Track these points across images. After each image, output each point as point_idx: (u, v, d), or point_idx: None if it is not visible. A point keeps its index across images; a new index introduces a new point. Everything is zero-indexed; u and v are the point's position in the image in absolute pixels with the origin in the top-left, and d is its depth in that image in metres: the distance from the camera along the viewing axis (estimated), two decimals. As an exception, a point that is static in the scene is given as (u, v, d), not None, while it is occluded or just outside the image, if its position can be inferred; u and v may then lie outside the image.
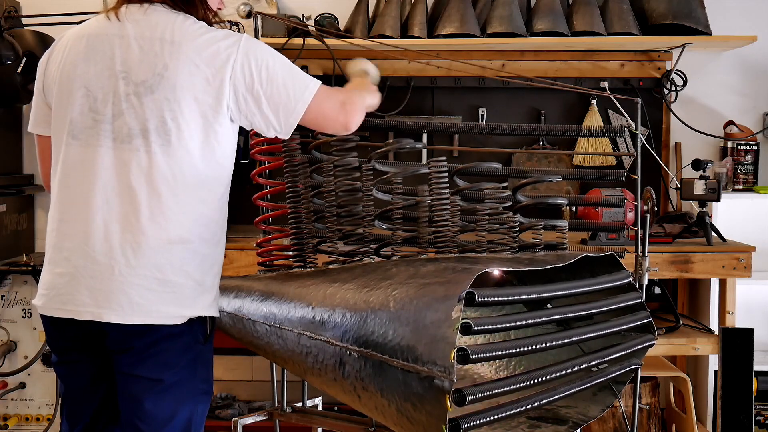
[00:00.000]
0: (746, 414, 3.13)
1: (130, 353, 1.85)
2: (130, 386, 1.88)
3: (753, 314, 3.39)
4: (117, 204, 1.82)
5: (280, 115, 1.89)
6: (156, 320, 1.82)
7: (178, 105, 1.81)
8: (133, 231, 1.81)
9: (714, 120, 3.72)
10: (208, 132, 1.85)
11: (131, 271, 1.81)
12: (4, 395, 3.16)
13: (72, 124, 1.86)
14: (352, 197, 2.31)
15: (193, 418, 1.93)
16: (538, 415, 2.06)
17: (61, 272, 1.86)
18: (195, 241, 1.87)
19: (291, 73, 1.90)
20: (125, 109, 1.83)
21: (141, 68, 1.83)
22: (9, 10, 3.34)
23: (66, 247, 1.86)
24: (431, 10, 3.60)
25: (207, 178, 1.87)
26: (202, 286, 1.89)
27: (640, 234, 2.27)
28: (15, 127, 3.72)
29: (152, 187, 1.81)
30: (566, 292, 1.79)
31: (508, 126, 2.53)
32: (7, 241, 3.47)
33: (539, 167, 3.69)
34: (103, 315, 1.82)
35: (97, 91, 1.85)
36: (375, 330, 1.80)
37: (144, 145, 1.82)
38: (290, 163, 2.42)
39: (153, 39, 1.84)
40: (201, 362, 1.93)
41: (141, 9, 1.88)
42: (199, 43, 1.84)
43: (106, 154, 1.83)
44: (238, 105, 1.86)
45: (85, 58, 1.87)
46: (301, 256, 2.46)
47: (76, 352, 1.94)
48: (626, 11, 3.48)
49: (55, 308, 1.87)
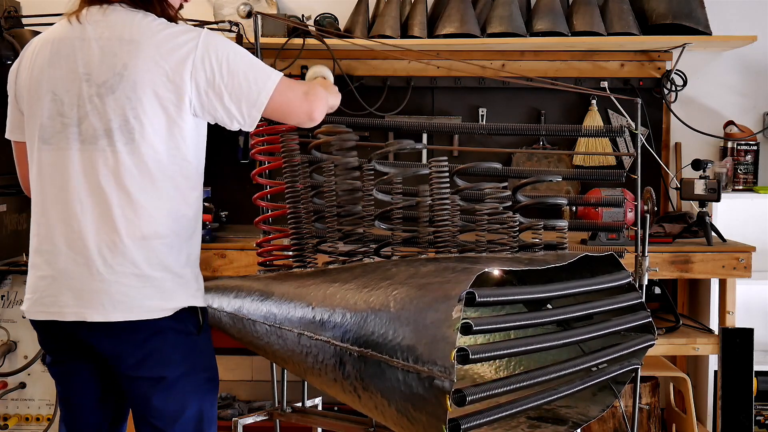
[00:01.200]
0: (746, 414, 3.13)
1: (125, 357, 1.86)
2: (135, 388, 1.90)
3: (753, 314, 3.39)
4: (90, 205, 1.84)
5: (243, 108, 1.89)
6: (139, 315, 1.83)
7: (140, 103, 1.82)
8: (107, 230, 1.83)
9: (714, 120, 3.73)
10: (171, 128, 1.85)
11: (109, 270, 1.82)
12: (4, 395, 3.16)
13: (42, 129, 1.88)
14: (352, 197, 2.31)
15: (204, 407, 1.95)
16: (538, 415, 2.06)
17: (43, 275, 1.88)
18: (169, 235, 1.88)
19: (252, 65, 1.90)
20: (89, 110, 1.84)
21: (102, 69, 1.84)
22: (9, 10, 3.33)
23: (45, 250, 1.88)
24: (431, 10, 3.60)
25: (174, 174, 1.88)
26: (182, 278, 1.91)
27: (640, 234, 2.28)
28: (15, 127, 3.72)
29: (121, 186, 1.83)
30: (566, 292, 1.79)
31: (508, 126, 2.53)
32: (7, 241, 3.47)
33: (539, 167, 3.69)
34: (86, 314, 1.83)
35: (63, 95, 1.86)
36: (375, 330, 1.80)
37: (109, 145, 1.83)
38: (290, 163, 2.42)
39: (112, 39, 1.85)
40: (198, 353, 1.94)
41: (101, 10, 1.89)
42: (157, 39, 1.84)
43: (75, 157, 1.85)
44: (200, 100, 1.86)
45: (50, 63, 1.89)
46: (301, 256, 2.46)
47: (67, 354, 1.95)
48: (626, 11, 3.48)
49: (40, 311, 1.89)
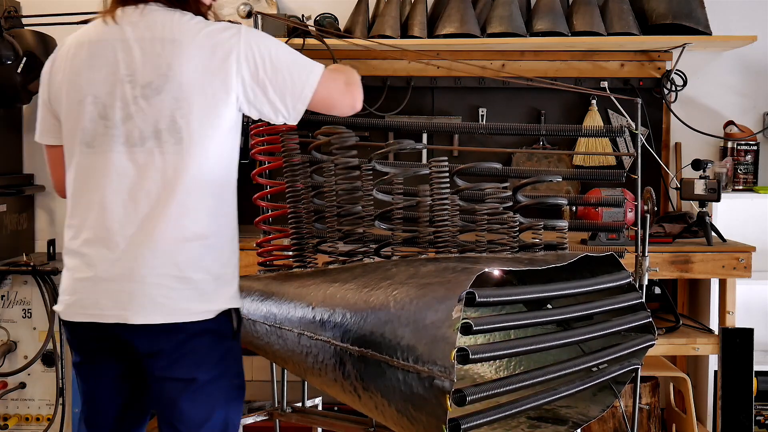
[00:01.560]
0: (746, 414, 3.13)
1: (160, 356, 1.84)
2: (164, 389, 1.87)
3: (753, 314, 3.39)
4: (132, 207, 1.82)
5: (288, 101, 1.89)
6: (180, 318, 1.82)
7: (187, 102, 1.81)
8: (150, 232, 1.81)
9: (714, 120, 3.73)
10: (217, 127, 1.85)
11: (151, 272, 1.81)
12: (4, 395, 3.16)
13: (84, 133, 1.86)
14: (352, 197, 2.31)
15: (230, 415, 1.92)
16: (538, 415, 2.06)
17: (82, 277, 1.86)
18: (210, 236, 1.87)
19: (294, 59, 1.90)
20: (134, 112, 1.83)
21: (145, 70, 1.83)
22: (9, 10, 3.34)
23: (85, 252, 1.86)
24: (431, 10, 3.60)
25: (219, 173, 1.88)
26: (222, 279, 1.89)
27: (640, 234, 2.28)
28: (15, 127, 3.72)
29: (166, 187, 1.81)
30: (566, 292, 1.79)
31: (508, 126, 2.53)
32: (7, 241, 3.47)
33: (539, 167, 3.69)
34: (127, 317, 1.81)
35: (104, 98, 1.85)
36: (375, 330, 1.80)
37: (157, 146, 1.82)
38: (290, 163, 2.42)
39: (153, 39, 1.84)
40: (232, 357, 1.93)
41: (137, 10, 1.88)
42: (200, 38, 1.84)
43: (119, 159, 1.83)
44: (246, 95, 1.86)
45: (89, 66, 1.87)
46: (301, 256, 2.46)
47: (99, 355, 1.93)
48: (626, 11, 3.48)
49: (79, 313, 1.87)
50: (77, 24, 3.16)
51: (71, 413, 3.15)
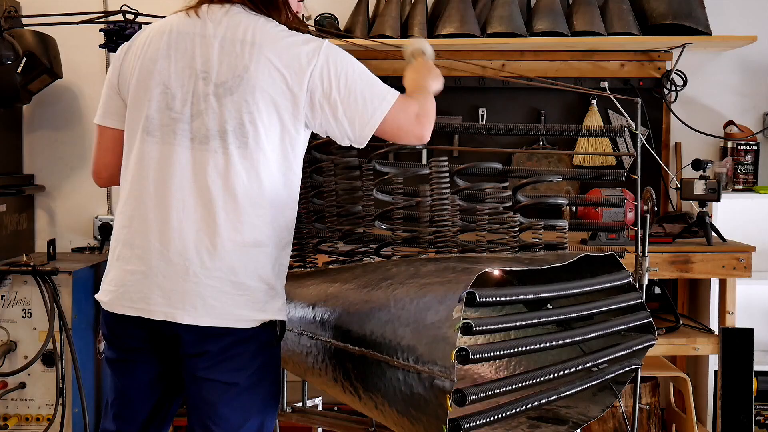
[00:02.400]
0: (746, 414, 3.13)
1: (205, 357, 1.82)
2: (204, 390, 1.85)
3: (753, 314, 3.39)
4: (192, 204, 1.80)
5: (356, 125, 1.86)
6: (229, 323, 1.80)
7: (257, 107, 1.80)
8: (209, 232, 1.79)
9: (714, 120, 3.72)
10: (283, 136, 1.83)
11: (206, 273, 1.79)
12: (4, 395, 3.16)
13: (148, 120, 1.84)
14: (352, 197, 2.31)
15: (266, 422, 1.91)
16: (538, 415, 2.06)
17: (133, 270, 1.83)
18: (269, 245, 1.85)
19: (369, 84, 1.87)
20: (204, 109, 1.81)
21: (221, 69, 1.82)
22: (9, 10, 3.33)
23: (138, 244, 1.83)
24: (431, 10, 3.60)
25: (280, 182, 1.85)
26: (274, 290, 1.87)
27: (640, 234, 2.27)
28: (15, 127, 3.72)
29: (228, 190, 1.79)
30: (566, 292, 1.79)
31: (508, 126, 2.53)
32: (7, 241, 3.47)
33: (539, 167, 3.69)
34: (176, 315, 1.79)
35: (176, 90, 1.83)
36: (375, 330, 1.80)
37: (221, 147, 1.80)
38: (290, 163, 2.42)
39: (234, 40, 1.83)
40: (272, 365, 1.91)
41: (222, 9, 1.87)
42: (280, 46, 1.82)
43: (183, 154, 1.81)
44: (314, 111, 1.84)
45: (165, 55, 1.86)
46: (301, 256, 2.46)
47: (140, 352, 1.91)
48: (626, 11, 3.48)
49: (124, 306, 1.84)
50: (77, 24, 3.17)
51: (71, 413, 3.15)
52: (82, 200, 3.75)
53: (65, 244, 3.72)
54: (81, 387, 3.14)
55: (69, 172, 3.77)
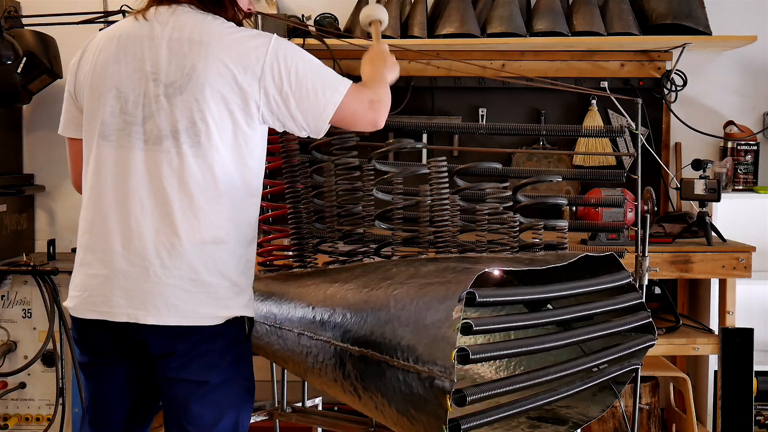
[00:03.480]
0: (746, 414, 3.13)
1: (173, 357, 1.83)
2: (175, 391, 1.86)
3: (753, 314, 3.39)
4: (150, 206, 1.81)
5: (309, 117, 1.87)
6: (192, 321, 1.81)
7: (207, 105, 1.80)
8: (167, 232, 1.80)
9: (714, 120, 3.73)
10: (236, 132, 1.83)
11: (166, 272, 1.79)
12: (4, 395, 3.16)
13: (103, 126, 1.85)
14: (352, 197, 2.31)
15: (240, 418, 1.91)
16: (538, 416, 2.06)
17: (95, 273, 1.84)
18: (230, 241, 1.85)
19: (320, 75, 1.88)
20: (155, 110, 1.82)
21: (170, 69, 1.82)
22: (9, 10, 3.33)
23: (99, 248, 1.84)
24: (431, 10, 3.60)
25: (236, 179, 1.86)
26: (238, 286, 1.88)
27: (640, 234, 2.27)
28: (15, 127, 3.72)
29: (184, 189, 1.80)
30: (566, 292, 1.79)
31: (508, 126, 2.53)
32: (7, 241, 3.47)
33: (539, 167, 3.69)
34: (139, 316, 1.80)
35: (128, 93, 1.84)
36: (375, 330, 1.80)
37: (174, 147, 1.80)
38: (289, 163, 2.42)
39: (181, 40, 1.83)
40: (243, 360, 1.92)
41: (169, 10, 1.87)
42: (227, 42, 1.83)
43: (138, 156, 1.82)
44: (270, 107, 1.84)
45: (115, 60, 1.86)
46: (301, 256, 2.46)
47: (109, 355, 1.91)
48: (626, 11, 3.48)
49: (88, 310, 1.85)
50: (77, 24, 3.17)
51: (71, 413, 3.15)
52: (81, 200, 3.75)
53: (65, 244, 3.72)
54: (81, 387, 3.14)
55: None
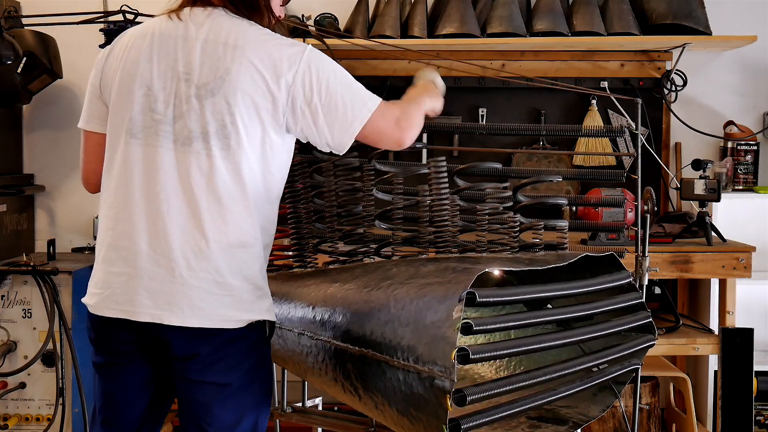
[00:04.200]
0: (746, 414, 3.13)
1: (196, 360, 1.82)
2: (197, 393, 1.85)
3: (753, 314, 3.39)
4: (177, 206, 1.80)
5: (335, 132, 1.86)
6: (216, 323, 1.80)
7: (238, 109, 1.79)
8: (194, 234, 1.79)
9: (714, 120, 3.73)
10: (264, 138, 1.83)
11: (192, 274, 1.79)
12: (4, 395, 3.16)
13: (131, 123, 1.84)
14: (353, 197, 2.31)
15: (259, 420, 1.91)
16: (538, 415, 2.06)
17: (119, 272, 1.83)
18: (255, 245, 1.85)
19: (351, 90, 1.87)
20: (186, 111, 1.81)
21: (203, 71, 1.81)
22: (9, 10, 3.34)
23: (123, 246, 1.83)
24: (431, 10, 3.60)
25: (261, 184, 1.85)
26: (261, 290, 1.88)
27: (640, 234, 2.27)
28: (15, 127, 3.72)
29: (212, 191, 1.79)
30: (566, 292, 1.79)
31: (508, 126, 2.53)
32: (7, 241, 3.47)
33: (539, 167, 3.69)
34: (163, 317, 1.79)
35: (158, 92, 1.83)
36: (375, 330, 1.80)
37: (204, 149, 1.80)
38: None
39: (216, 43, 1.82)
40: (263, 364, 1.92)
41: (205, 12, 1.87)
42: (262, 48, 1.82)
43: (166, 156, 1.81)
44: (295, 116, 1.84)
45: (148, 58, 1.85)
46: (301, 256, 2.46)
47: (128, 355, 1.90)
48: (626, 11, 3.48)
49: (110, 308, 1.84)
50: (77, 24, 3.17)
51: (71, 413, 3.15)
52: (82, 200, 3.75)
53: (65, 244, 3.72)
54: (81, 387, 3.14)
55: (69, 172, 3.77)
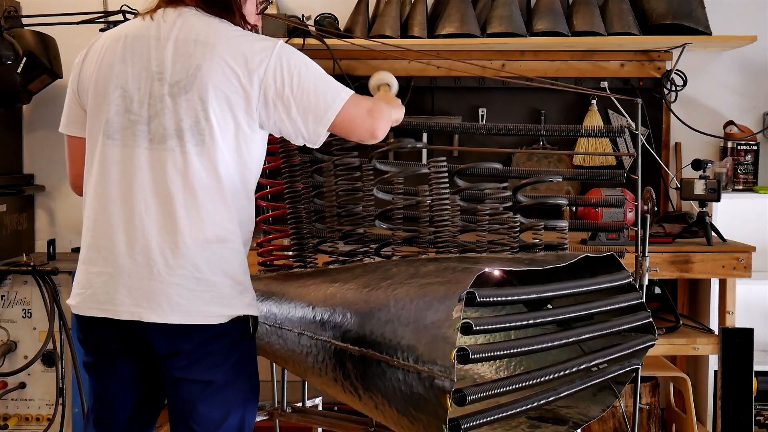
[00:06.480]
0: (746, 414, 3.13)
1: (179, 357, 1.83)
2: (181, 391, 1.86)
3: (753, 314, 3.39)
4: (154, 204, 1.82)
5: (309, 123, 1.87)
6: (196, 320, 1.81)
7: (211, 105, 1.81)
8: (171, 231, 1.81)
9: (714, 120, 3.73)
10: (238, 133, 1.84)
11: (170, 271, 1.80)
12: (4, 395, 3.16)
13: (108, 124, 1.86)
14: (353, 197, 2.31)
15: (246, 416, 1.92)
16: (538, 415, 2.06)
17: (99, 271, 1.85)
18: (233, 240, 1.86)
19: (323, 81, 1.88)
20: (160, 110, 1.83)
21: (175, 69, 1.83)
22: (9, 10, 3.33)
23: (103, 246, 1.85)
24: (431, 10, 3.60)
25: (237, 180, 1.87)
26: (241, 285, 1.88)
27: (640, 234, 2.27)
28: (15, 127, 3.72)
29: (188, 188, 1.81)
30: (566, 292, 1.79)
31: (508, 126, 2.53)
32: (7, 241, 3.47)
33: (539, 167, 3.69)
34: (143, 315, 1.80)
35: (133, 92, 1.85)
36: (375, 330, 1.80)
37: (179, 146, 1.81)
38: (289, 163, 2.42)
39: (188, 40, 1.84)
40: (248, 359, 1.92)
41: (176, 12, 1.89)
42: (232, 44, 1.84)
43: (143, 155, 1.83)
44: (268, 110, 1.85)
45: (122, 59, 1.87)
46: (301, 256, 2.46)
47: (114, 354, 1.91)
48: (626, 11, 3.48)
49: (92, 308, 1.86)
50: (77, 24, 3.17)
51: (71, 413, 3.15)
52: (81, 200, 3.75)
53: (65, 244, 3.72)
54: (81, 387, 3.14)
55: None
